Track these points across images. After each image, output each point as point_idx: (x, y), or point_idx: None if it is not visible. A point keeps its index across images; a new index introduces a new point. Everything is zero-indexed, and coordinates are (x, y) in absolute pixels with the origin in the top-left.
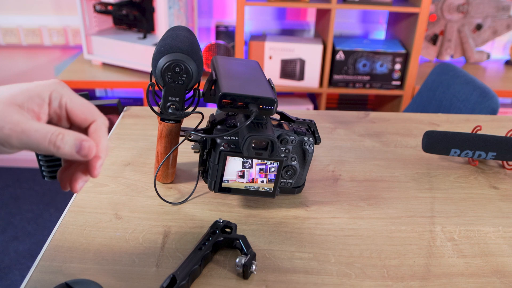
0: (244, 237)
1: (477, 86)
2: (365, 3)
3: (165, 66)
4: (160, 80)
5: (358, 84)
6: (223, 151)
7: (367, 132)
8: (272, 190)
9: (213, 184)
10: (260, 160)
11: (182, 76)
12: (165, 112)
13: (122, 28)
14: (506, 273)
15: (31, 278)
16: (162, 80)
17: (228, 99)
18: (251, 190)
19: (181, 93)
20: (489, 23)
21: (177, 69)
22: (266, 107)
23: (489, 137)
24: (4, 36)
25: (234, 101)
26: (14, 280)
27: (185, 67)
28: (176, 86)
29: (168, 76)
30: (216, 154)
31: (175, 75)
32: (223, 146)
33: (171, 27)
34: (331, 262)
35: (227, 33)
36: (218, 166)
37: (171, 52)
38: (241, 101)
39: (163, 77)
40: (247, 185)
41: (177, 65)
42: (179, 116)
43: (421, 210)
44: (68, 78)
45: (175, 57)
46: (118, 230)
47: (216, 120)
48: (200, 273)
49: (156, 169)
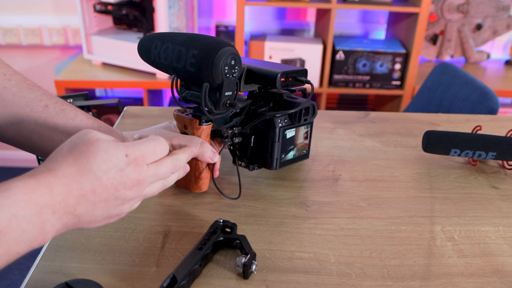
0: (244, 237)
1: (477, 86)
2: (365, 3)
3: (228, 61)
4: (220, 76)
5: (358, 84)
6: (282, 127)
7: (367, 132)
8: (307, 151)
9: (276, 162)
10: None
11: (235, 69)
12: (220, 110)
13: (122, 28)
14: (506, 273)
15: (31, 278)
16: (221, 76)
17: (284, 77)
18: (297, 157)
19: (234, 86)
20: (489, 23)
21: (233, 62)
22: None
23: (489, 137)
24: (4, 36)
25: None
26: (14, 280)
27: (238, 59)
28: (232, 80)
29: (226, 70)
30: (276, 131)
31: (230, 69)
32: (280, 123)
33: (161, 32)
34: (331, 262)
35: (227, 33)
36: (278, 143)
37: (222, 47)
38: (291, 76)
39: (222, 73)
40: (295, 153)
41: (233, 58)
42: (238, 108)
43: (421, 210)
44: (68, 78)
45: (231, 51)
46: (118, 230)
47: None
48: (200, 273)
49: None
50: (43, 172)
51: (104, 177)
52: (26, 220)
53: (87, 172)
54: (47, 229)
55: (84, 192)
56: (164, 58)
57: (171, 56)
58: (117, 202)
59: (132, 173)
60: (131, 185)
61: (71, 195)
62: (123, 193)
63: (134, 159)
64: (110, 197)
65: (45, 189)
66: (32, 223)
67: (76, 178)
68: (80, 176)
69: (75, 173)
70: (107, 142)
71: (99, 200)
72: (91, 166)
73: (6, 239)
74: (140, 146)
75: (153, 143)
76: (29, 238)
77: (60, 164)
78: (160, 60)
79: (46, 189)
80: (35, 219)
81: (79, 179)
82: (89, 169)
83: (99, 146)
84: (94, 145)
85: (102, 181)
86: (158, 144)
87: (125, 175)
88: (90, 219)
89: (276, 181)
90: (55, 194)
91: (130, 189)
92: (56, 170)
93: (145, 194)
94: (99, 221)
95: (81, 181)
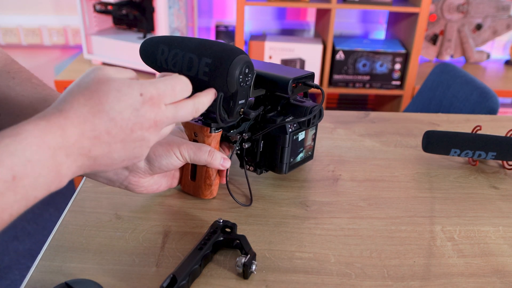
0: (244, 237)
1: (477, 86)
2: (365, 3)
3: (243, 69)
4: (234, 86)
5: (358, 84)
6: (292, 131)
7: (367, 132)
8: (312, 153)
9: (285, 167)
10: (311, 128)
11: (249, 77)
12: (234, 118)
13: (122, 28)
14: (506, 273)
15: (31, 278)
16: (236, 85)
17: (294, 83)
18: (303, 159)
19: (247, 93)
20: (489, 23)
21: (247, 70)
22: (312, 81)
23: (489, 137)
24: (4, 36)
25: (297, 84)
26: (14, 280)
27: (251, 67)
28: (245, 88)
29: (240, 78)
30: (286, 138)
31: (244, 77)
32: (290, 128)
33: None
34: (331, 262)
35: (227, 33)
36: (288, 148)
37: (236, 55)
38: (300, 81)
39: (237, 82)
40: (303, 155)
41: (247, 66)
42: (252, 116)
43: (421, 210)
44: (68, 78)
45: (245, 59)
46: (118, 230)
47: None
48: (200, 273)
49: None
50: (54, 113)
51: (118, 118)
52: (40, 164)
53: (99, 112)
54: (62, 172)
55: (98, 133)
56: (172, 65)
57: (180, 63)
58: (134, 144)
59: (148, 113)
60: (147, 126)
61: (85, 137)
62: (140, 135)
63: (150, 98)
64: (127, 139)
65: (57, 131)
66: (47, 167)
67: (89, 118)
68: (93, 117)
69: (87, 114)
70: (120, 81)
71: (114, 141)
72: (104, 106)
73: (23, 184)
74: (157, 84)
75: (172, 81)
76: (46, 182)
77: (71, 104)
78: (168, 67)
79: (58, 131)
80: (49, 162)
81: (92, 119)
82: (102, 109)
83: (111, 85)
84: (106, 84)
85: (116, 121)
86: (178, 83)
87: (140, 115)
88: (107, 161)
89: (276, 181)
90: (68, 136)
91: (147, 130)
92: (67, 111)
93: (163, 134)
94: (117, 163)
95: (94, 122)
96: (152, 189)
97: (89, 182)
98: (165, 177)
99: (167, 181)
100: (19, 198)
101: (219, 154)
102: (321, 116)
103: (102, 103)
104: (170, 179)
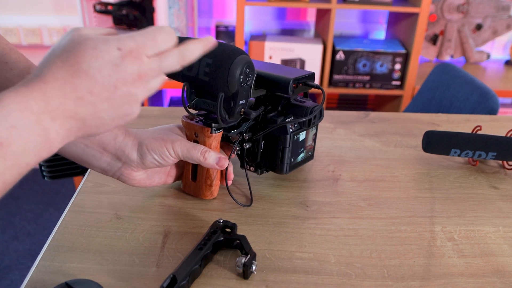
0: (244, 237)
1: (477, 86)
2: (365, 3)
3: (243, 70)
4: (235, 86)
5: (358, 84)
6: (293, 132)
7: (367, 132)
8: (312, 153)
9: (286, 167)
10: (312, 128)
11: (249, 77)
12: (234, 118)
13: (122, 28)
14: (506, 273)
15: (31, 278)
16: (236, 86)
17: (295, 83)
18: (304, 159)
19: (248, 94)
20: (489, 23)
21: (247, 70)
22: (312, 81)
23: (489, 137)
24: (4, 36)
25: (298, 84)
26: (14, 280)
27: (252, 67)
28: (246, 88)
29: (241, 79)
30: (287, 138)
31: (245, 77)
32: (291, 128)
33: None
34: (331, 262)
35: (227, 33)
36: (288, 149)
37: (237, 55)
38: (301, 82)
39: (237, 82)
40: (304, 155)
41: (248, 66)
42: (253, 116)
43: (421, 210)
44: None
45: (246, 59)
46: (118, 230)
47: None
48: (200, 273)
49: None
50: (33, 79)
51: (98, 75)
52: (26, 129)
53: (78, 72)
54: (51, 137)
55: (80, 94)
56: None
57: None
58: (122, 101)
59: (129, 67)
60: (131, 80)
61: (67, 98)
62: (125, 90)
63: (129, 52)
64: (112, 96)
65: (38, 95)
66: (34, 132)
67: (68, 80)
68: (72, 78)
69: (65, 75)
70: (96, 38)
71: (99, 100)
72: (81, 65)
73: (12, 151)
74: (135, 37)
75: (153, 32)
76: (35, 147)
77: (48, 68)
78: None
79: (39, 96)
80: (36, 127)
81: (71, 80)
82: (80, 69)
83: (87, 44)
84: (81, 44)
85: (97, 80)
86: (158, 32)
87: (121, 70)
88: (96, 122)
89: (276, 181)
90: (49, 99)
91: (132, 85)
92: (45, 75)
93: (151, 88)
94: (108, 123)
95: (74, 83)
96: (144, 183)
97: (89, 182)
98: (158, 173)
99: (161, 177)
100: (10, 165)
101: (213, 154)
102: (322, 116)
103: (78, 63)
104: (163, 175)
